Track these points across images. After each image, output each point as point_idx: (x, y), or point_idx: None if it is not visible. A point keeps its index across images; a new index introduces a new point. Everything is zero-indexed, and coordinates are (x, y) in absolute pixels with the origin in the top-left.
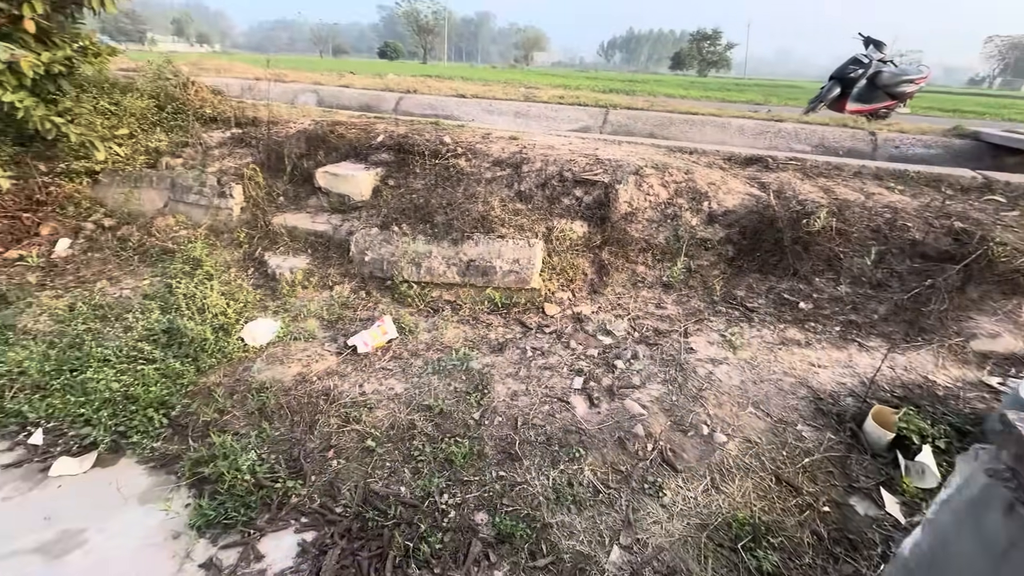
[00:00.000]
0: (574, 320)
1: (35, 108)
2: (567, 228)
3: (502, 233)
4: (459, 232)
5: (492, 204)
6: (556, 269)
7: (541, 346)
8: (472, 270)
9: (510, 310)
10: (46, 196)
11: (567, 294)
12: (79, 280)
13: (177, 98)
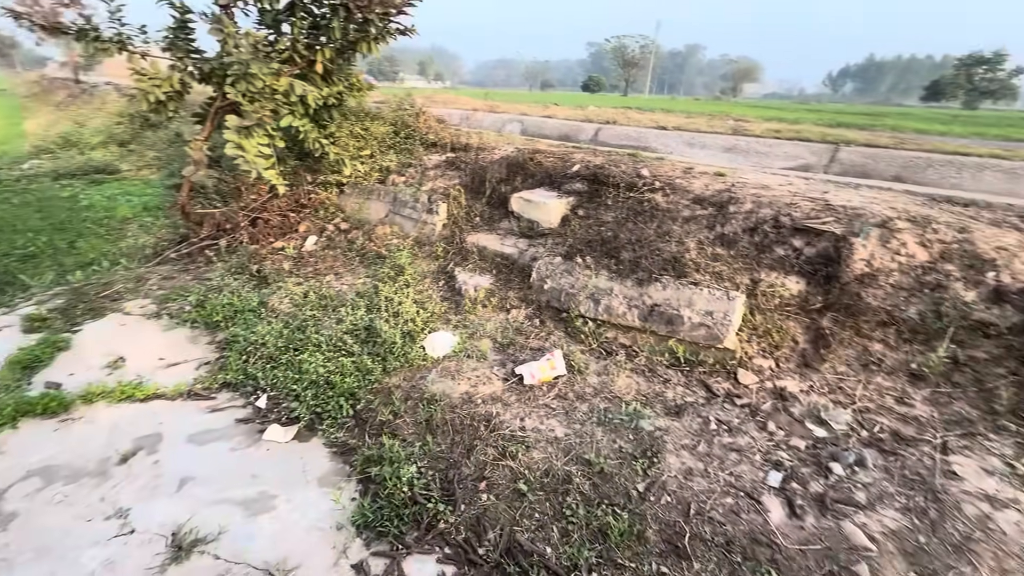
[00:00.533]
0: (775, 396)
1: (312, 131)
2: (778, 283)
3: (695, 279)
4: (646, 272)
5: (688, 245)
6: (758, 330)
7: (729, 420)
8: (655, 316)
9: (694, 368)
10: (308, 201)
11: (769, 362)
12: (315, 272)
13: (409, 125)
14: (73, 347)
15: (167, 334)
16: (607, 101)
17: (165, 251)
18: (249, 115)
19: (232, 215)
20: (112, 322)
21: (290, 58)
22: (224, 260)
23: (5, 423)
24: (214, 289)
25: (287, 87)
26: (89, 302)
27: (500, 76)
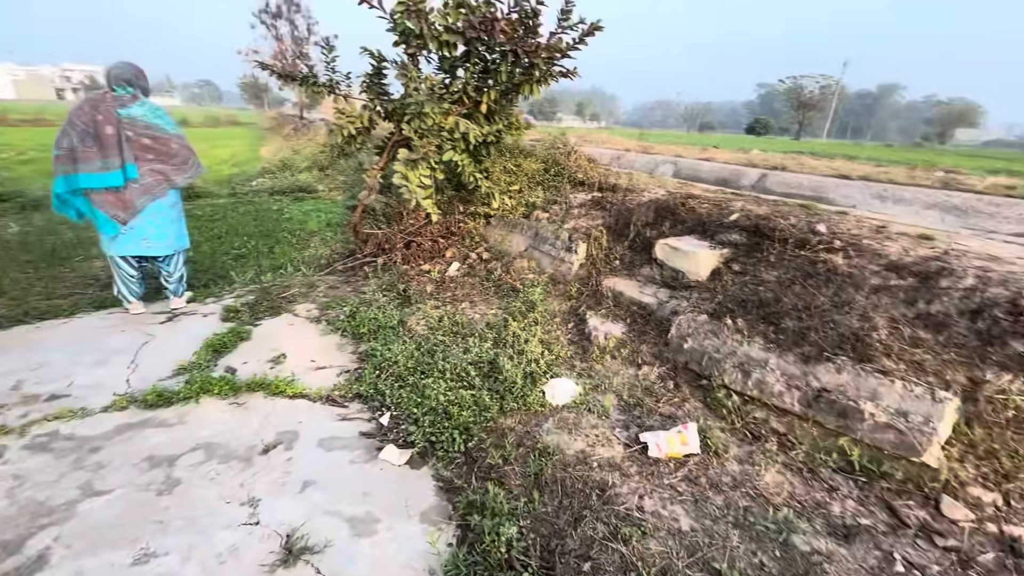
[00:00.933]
0: (1002, 547)
1: (469, 166)
2: (1013, 389)
3: (884, 366)
4: (814, 347)
5: (875, 322)
6: (978, 449)
7: (925, 565)
8: (822, 403)
9: (874, 481)
10: (457, 229)
11: (993, 496)
12: (453, 297)
13: (560, 163)
14: (252, 338)
15: (322, 338)
16: (775, 145)
17: (335, 263)
18: (417, 149)
19: (392, 236)
20: (283, 321)
21: (459, 99)
22: (378, 277)
23: (191, 397)
24: (365, 303)
25: (453, 125)
26: (271, 301)
27: (657, 117)
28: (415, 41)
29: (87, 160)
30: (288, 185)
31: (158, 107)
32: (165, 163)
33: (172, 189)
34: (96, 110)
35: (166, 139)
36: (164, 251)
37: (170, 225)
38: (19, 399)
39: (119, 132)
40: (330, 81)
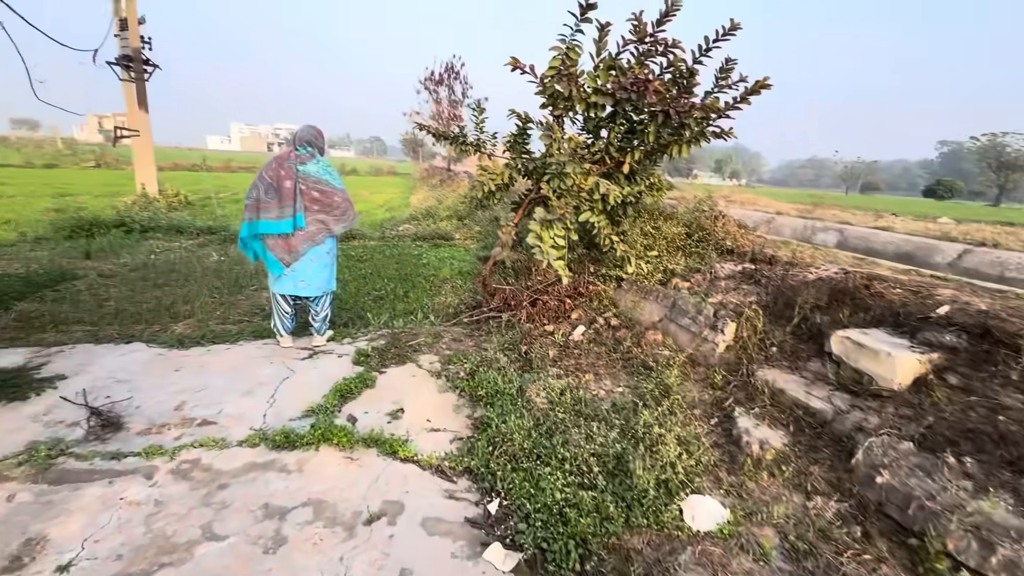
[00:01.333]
0: None
1: (606, 228)
2: None
3: None
4: None
5: None
6: None
7: None
8: None
9: None
10: (585, 290)
11: None
12: (576, 366)
13: (705, 228)
14: (376, 386)
15: (440, 396)
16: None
17: (462, 314)
18: (554, 209)
19: (518, 293)
20: (406, 371)
21: (601, 159)
22: (501, 334)
23: (313, 444)
24: (486, 362)
25: (592, 186)
26: (399, 348)
27: (807, 176)
28: (562, 103)
29: (267, 210)
30: (429, 232)
31: (329, 165)
32: (328, 214)
33: (330, 237)
34: (280, 167)
35: (331, 193)
36: (315, 292)
37: (323, 269)
38: (179, 420)
39: (295, 186)
40: (477, 140)
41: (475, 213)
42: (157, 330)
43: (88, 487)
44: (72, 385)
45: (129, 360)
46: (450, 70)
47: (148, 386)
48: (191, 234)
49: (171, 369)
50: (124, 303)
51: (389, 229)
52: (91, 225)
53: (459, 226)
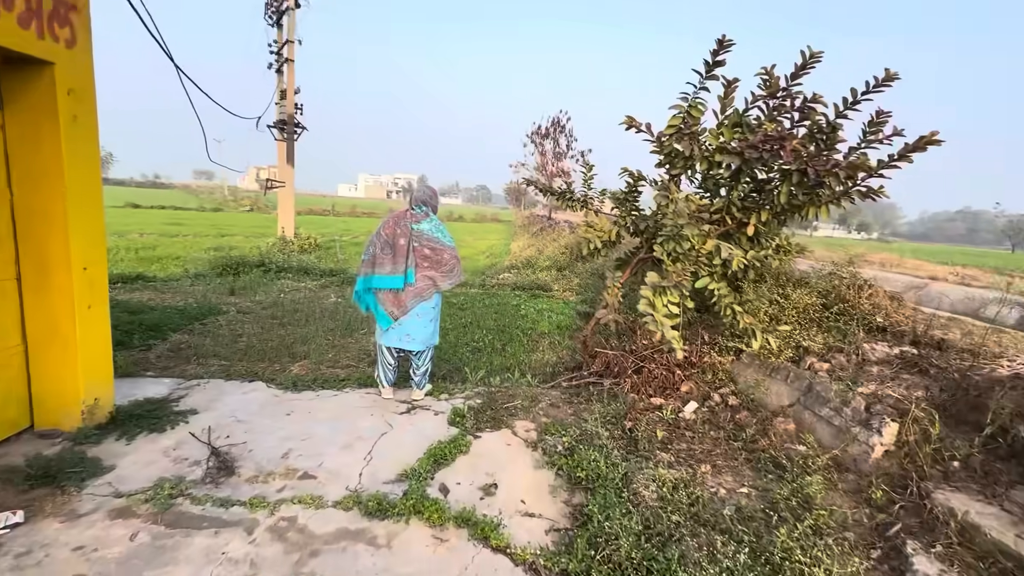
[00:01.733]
0: None
1: (727, 296)
2: None
3: None
4: None
5: None
6: None
7: None
8: None
9: None
10: (696, 359)
11: None
12: (689, 453)
13: (846, 299)
14: (470, 453)
15: (536, 473)
16: None
17: (559, 376)
18: (668, 274)
19: (622, 359)
20: (501, 439)
21: (720, 219)
22: (603, 404)
23: (404, 515)
24: (586, 437)
25: (712, 249)
26: (495, 410)
27: (956, 231)
28: (681, 162)
29: (382, 265)
30: (528, 282)
31: (441, 224)
32: (437, 271)
33: (437, 293)
34: (397, 225)
35: (441, 250)
36: (419, 347)
37: (428, 325)
38: (283, 470)
39: (409, 244)
40: (584, 196)
41: (575, 265)
42: (277, 369)
43: (197, 535)
44: (201, 421)
45: (250, 400)
46: (556, 124)
47: (261, 429)
48: (316, 275)
49: (283, 413)
50: (254, 339)
51: (490, 277)
52: (238, 264)
53: (558, 277)
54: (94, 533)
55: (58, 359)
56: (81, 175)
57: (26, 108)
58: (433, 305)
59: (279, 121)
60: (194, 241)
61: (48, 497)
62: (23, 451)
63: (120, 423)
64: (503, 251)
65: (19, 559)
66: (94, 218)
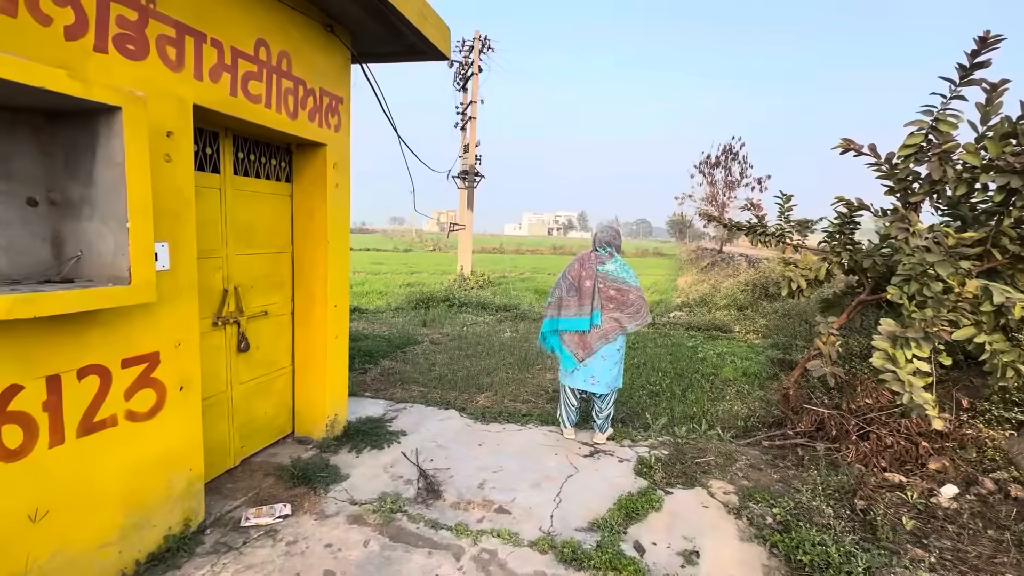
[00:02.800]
0: None
1: (1005, 353)
2: None
3: None
4: None
5: None
6: None
7: None
8: None
9: None
10: (950, 430)
11: None
12: (957, 555)
13: None
14: (663, 510)
15: (742, 546)
16: None
17: (755, 432)
18: (913, 323)
19: (841, 420)
20: (696, 498)
21: (984, 254)
22: (818, 470)
23: (600, 569)
24: (802, 511)
25: (978, 291)
26: (685, 464)
27: None
28: (925, 187)
29: (567, 307)
30: (704, 322)
31: (626, 264)
32: (622, 311)
33: (621, 335)
34: (583, 267)
35: (627, 290)
36: (603, 390)
37: (613, 367)
38: (481, 501)
39: (594, 285)
40: (780, 230)
41: (759, 303)
42: (466, 399)
43: (415, 553)
44: (409, 441)
45: (446, 427)
46: (728, 151)
47: (459, 456)
48: (492, 310)
49: (475, 443)
50: (445, 369)
51: (660, 315)
52: (428, 299)
53: (739, 317)
54: (338, 534)
55: (313, 379)
56: (338, 230)
57: (306, 181)
58: (618, 347)
59: (462, 172)
60: (391, 278)
61: (305, 496)
62: (288, 453)
63: (351, 436)
64: (669, 287)
65: (289, 547)
66: (343, 263)
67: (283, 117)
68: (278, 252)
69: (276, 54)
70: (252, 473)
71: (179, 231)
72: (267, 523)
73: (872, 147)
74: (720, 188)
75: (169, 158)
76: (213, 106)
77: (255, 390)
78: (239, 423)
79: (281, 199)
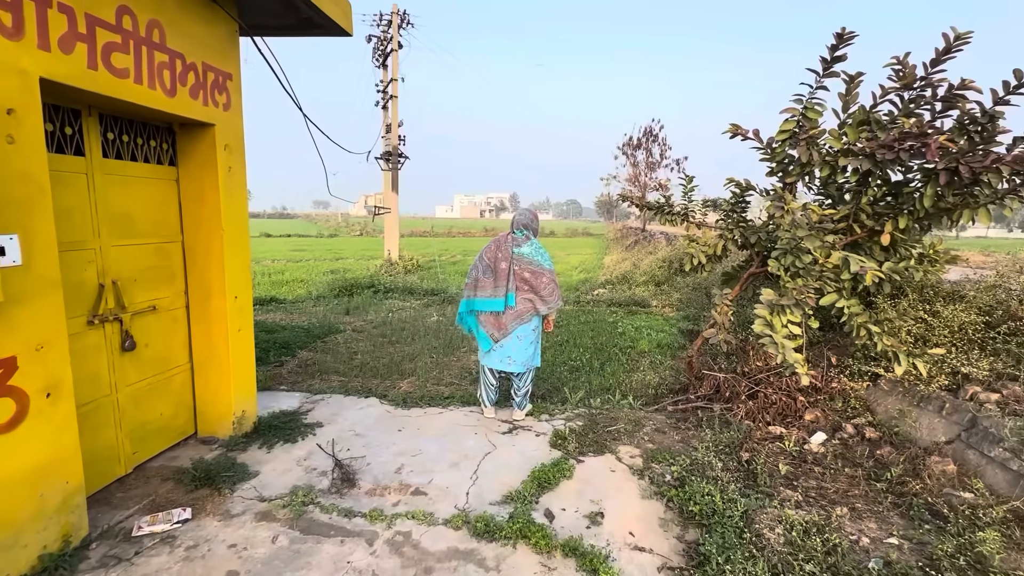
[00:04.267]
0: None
1: (860, 315)
2: None
3: None
4: None
5: None
6: None
7: None
8: None
9: None
10: (822, 384)
11: None
12: (819, 492)
13: (1020, 317)
14: (574, 478)
15: (643, 503)
16: None
17: (663, 398)
18: (788, 292)
19: (734, 382)
20: (605, 464)
21: (847, 228)
22: (714, 431)
23: (511, 539)
24: (697, 467)
25: (839, 262)
26: (597, 433)
27: None
28: (796, 169)
29: (483, 288)
30: (625, 298)
31: (542, 248)
32: (536, 294)
33: (536, 316)
34: (499, 249)
35: (541, 273)
36: (519, 369)
37: (529, 347)
38: (397, 485)
39: (510, 267)
40: (684, 209)
41: (674, 279)
42: (388, 385)
43: (326, 543)
44: (325, 433)
45: (366, 415)
46: (648, 133)
47: (377, 443)
48: (419, 295)
49: (395, 428)
50: (367, 357)
51: (584, 293)
52: (351, 286)
53: (656, 292)
54: (244, 533)
55: (215, 376)
56: (234, 216)
57: (194, 164)
58: (533, 328)
59: (385, 153)
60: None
61: (208, 497)
62: (189, 455)
63: (262, 433)
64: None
65: (188, 551)
66: (243, 252)
67: (158, 94)
68: (165, 242)
69: (144, 23)
70: (148, 479)
71: (32, 222)
72: (163, 530)
73: (756, 132)
74: (643, 169)
75: (12, 139)
76: (67, 80)
77: (147, 391)
78: (130, 427)
79: (166, 184)
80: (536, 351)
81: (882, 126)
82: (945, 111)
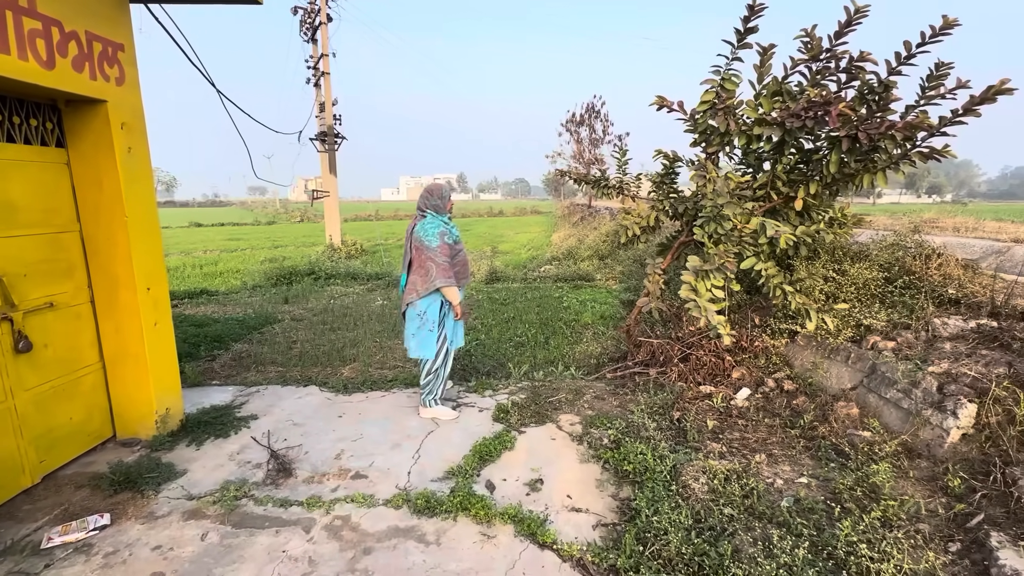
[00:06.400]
0: None
1: (776, 276)
2: None
3: None
4: None
5: None
6: None
7: None
8: None
9: None
10: (748, 344)
11: None
12: (743, 442)
13: (912, 271)
14: (515, 448)
15: (581, 467)
16: None
17: (604, 367)
18: (711, 258)
19: (667, 347)
20: (546, 433)
21: (765, 195)
22: (649, 394)
23: (452, 512)
24: (632, 429)
25: (757, 228)
26: (539, 404)
27: None
28: (717, 139)
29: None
30: (570, 273)
31: (430, 224)
32: (418, 275)
33: (420, 300)
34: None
35: (421, 250)
36: (411, 354)
37: (416, 332)
38: (336, 470)
39: (409, 246)
40: (619, 183)
41: (617, 252)
42: (329, 373)
43: (260, 534)
44: (261, 425)
45: (304, 403)
46: (591, 110)
47: (316, 431)
48: (363, 280)
49: (335, 415)
50: (307, 346)
51: (531, 270)
52: (291, 274)
53: (600, 266)
54: (170, 533)
55: (132, 374)
56: (139, 201)
57: (87, 145)
58: (419, 312)
59: (320, 133)
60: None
61: (130, 501)
62: (107, 459)
63: (190, 430)
64: (544, 243)
65: (107, 558)
66: (153, 240)
67: (32, 66)
68: (58, 232)
69: None
70: (59, 488)
71: None
72: (78, 539)
73: (680, 103)
74: (586, 145)
75: None
76: None
77: (51, 395)
78: (33, 435)
79: (53, 168)
80: (425, 341)
81: (793, 96)
82: (849, 82)
